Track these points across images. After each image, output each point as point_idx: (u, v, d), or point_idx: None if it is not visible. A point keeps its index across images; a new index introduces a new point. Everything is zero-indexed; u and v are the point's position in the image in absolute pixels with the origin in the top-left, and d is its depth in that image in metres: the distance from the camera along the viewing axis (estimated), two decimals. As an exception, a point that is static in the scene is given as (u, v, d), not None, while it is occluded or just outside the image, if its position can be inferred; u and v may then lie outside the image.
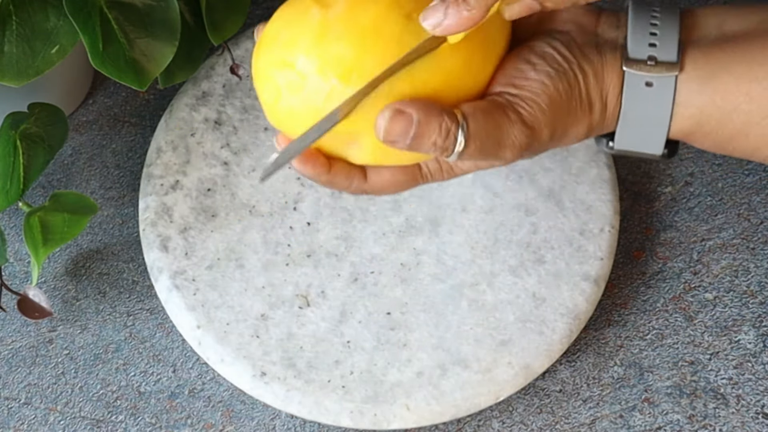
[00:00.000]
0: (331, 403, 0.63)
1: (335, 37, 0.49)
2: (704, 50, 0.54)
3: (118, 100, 0.75)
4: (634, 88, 0.54)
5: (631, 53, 0.54)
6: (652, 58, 0.54)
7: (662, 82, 0.53)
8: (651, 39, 0.54)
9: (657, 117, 0.54)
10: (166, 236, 0.67)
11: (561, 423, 0.66)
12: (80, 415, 0.66)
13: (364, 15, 0.50)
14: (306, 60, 0.50)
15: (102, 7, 0.60)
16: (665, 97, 0.53)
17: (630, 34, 0.54)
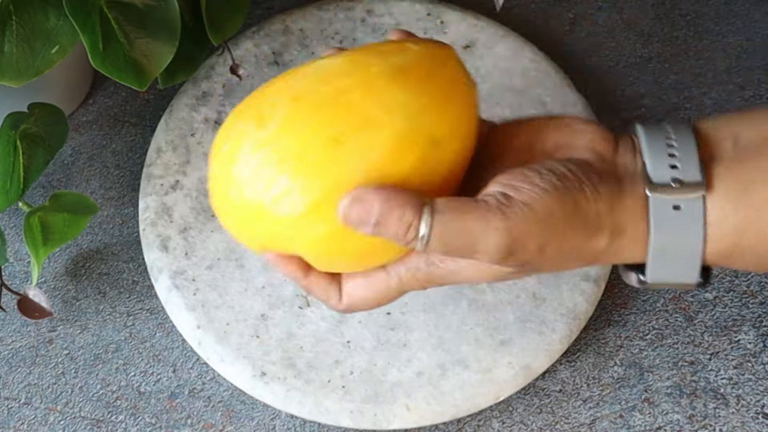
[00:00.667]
0: (331, 403, 0.63)
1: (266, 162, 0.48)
2: (727, 165, 0.51)
3: (118, 100, 0.75)
4: (662, 214, 0.51)
5: (654, 178, 0.51)
6: (677, 180, 0.51)
7: (690, 203, 0.51)
8: (671, 161, 0.51)
9: (689, 240, 0.51)
10: (166, 236, 0.67)
11: (561, 423, 0.66)
12: (80, 415, 0.66)
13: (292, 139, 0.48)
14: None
15: (102, 7, 0.60)
16: (695, 218, 0.51)
17: (648, 158, 0.52)
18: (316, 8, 0.74)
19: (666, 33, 0.78)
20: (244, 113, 0.50)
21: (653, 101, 0.75)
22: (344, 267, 0.53)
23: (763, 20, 0.78)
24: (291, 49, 0.73)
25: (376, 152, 0.48)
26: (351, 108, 0.48)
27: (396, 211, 0.48)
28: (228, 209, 0.50)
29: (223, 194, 0.50)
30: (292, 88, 0.49)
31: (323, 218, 0.49)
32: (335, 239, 0.50)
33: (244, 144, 0.49)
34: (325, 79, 0.49)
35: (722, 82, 0.76)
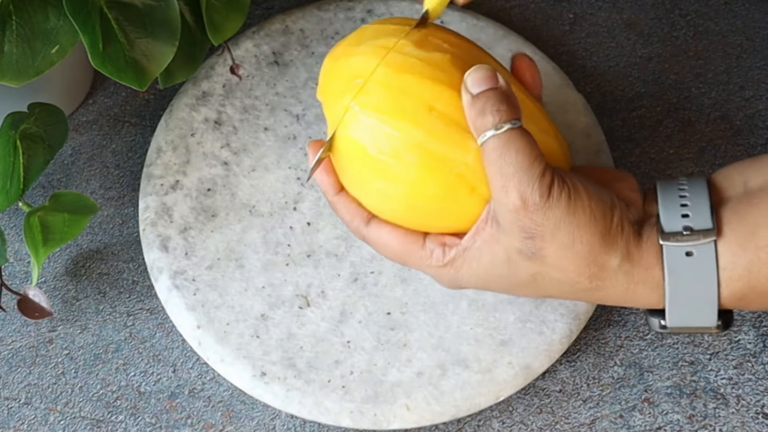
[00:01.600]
0: (331, 403, 0.63)
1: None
2: (735, 209, 0.54)
3: (118, 100, 0.75)
4: (675, 260, 0.54)
5: (666, 227, 0.54)
6: (688, 228, 0.54)
7: (702, 249, 0.53)
8: (683, 210, 0.54)
9: (704, 285, 0.54)
10: (166, 236, 0.67)
11: (561, 423, 0.66)
12: (80, 415, 0.66)
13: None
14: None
15: (102, 7, 0.60)
16: (708, 263, 0.53)
17: (661, 207, 0.55)
18: (316, 8, 0.74)
19: (666, 33, 0.78)
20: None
21: (653, 101, 0.75)
22: (391, 215, 0.57)
23: (763, 20, 0.78)
24: (291, 49, 0.73)
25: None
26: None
27: (505, 96, 0.54)
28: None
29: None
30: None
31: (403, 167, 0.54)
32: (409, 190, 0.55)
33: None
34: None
35: (722, 82, 0.76)
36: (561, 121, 0.70)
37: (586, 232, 0.53)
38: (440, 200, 0.55)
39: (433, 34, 0.56)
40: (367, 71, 0.55)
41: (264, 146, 0.70)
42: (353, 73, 0.55)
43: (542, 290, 0.56)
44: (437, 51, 0.55)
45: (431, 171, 0.54)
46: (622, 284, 0.55)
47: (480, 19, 0.73)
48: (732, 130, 0.74)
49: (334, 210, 0.59)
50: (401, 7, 0.73)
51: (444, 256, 0.56)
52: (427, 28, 0.56)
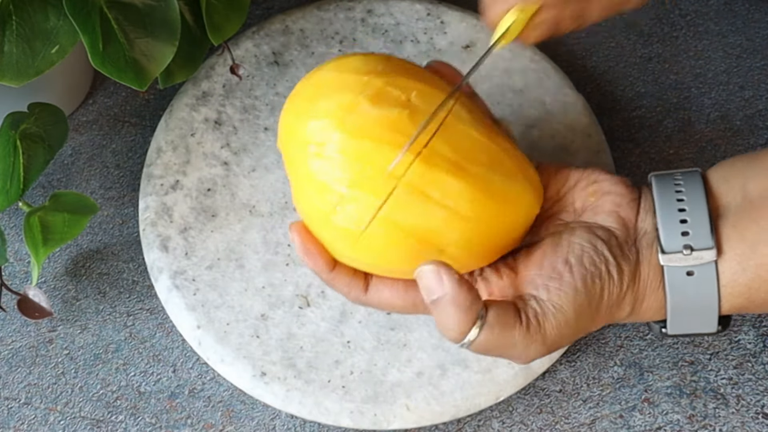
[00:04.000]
0: (331, 403, 0.63)
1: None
2: (735, 223, 0.53)
3: (118, 100, 0.75)
4: (676, 280, 0.54)
5: (666, 247, 0.54)
6: (688, 246, 0.53)
7: (703, 269, 0.53)
8: (683, 227, 0.54)
9: (704, 302, 0.54)
10: (166, 236, 0.67)
11: (561, 423, 0.66)
12: (80, 415, 0.66)
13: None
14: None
15: (102, 7, 0.60)
16: (709, 282, 0.53)
17: (661, 225, 0.54)
18: (316, 8, 0.74)
19: (666, 33, 0.78)
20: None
21: (653, 101, 0.75)
22: (373, 268, 0.56)
23: (763, 20, 0.78)
24: (291, 49, 0.73)
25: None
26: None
27: (455, 309, 0.51)
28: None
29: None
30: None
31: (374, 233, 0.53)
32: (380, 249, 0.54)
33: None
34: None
35: (722, 82, 0.76)
36: (561, 121, 0.70)
37: (596, 320, 0.54)
38: (408, 266, 0.54)
39: (393, 83, 0.54)
40: (324, 137, 0.53)
41: (264, 146, 0.70)
42: (310, 138, 0.54)
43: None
44: (396, 106, 0.53)
45: (395, 240, 0.53)
46: (632, 318, 0.56)
47: (480, 19, 0.73)
48: (732, 130, 0.74)
49: (330, 286, 0.57)
50: (401, 7, 0.73)
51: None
52: (388, 74, 0.55)
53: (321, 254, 0.55)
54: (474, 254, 0.55)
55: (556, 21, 0.56)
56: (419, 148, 0.52)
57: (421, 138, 0.53)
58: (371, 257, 0.54)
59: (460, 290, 0.51)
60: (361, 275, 0.56)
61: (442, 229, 0.53)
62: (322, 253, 0.55)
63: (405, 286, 0.56)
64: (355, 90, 0.53)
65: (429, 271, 0.51)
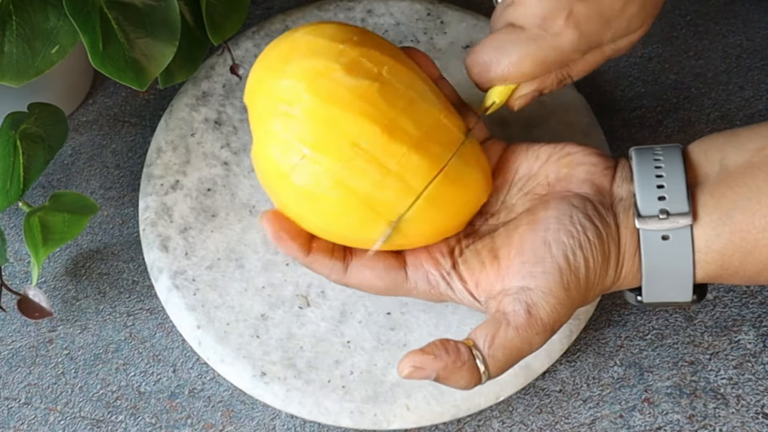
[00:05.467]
0: (331, 403, 0.63)
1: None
2: (712, 191, 0.54)
3: (118, 100, 0.75)
4: (651, 244, 0.54)
5: (642, 210, 0.54)
6: (664, 211, 0.54)
7: (678, 233, 0.54)
8: (659, 192, 0.54)
9: (679, 267, 0.54)
10: (166, 236, 0.67)
11: (561, 423, 0.66)
12: (80, 415, 0.66)
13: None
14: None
15: (102, 7, 0.60)
16: (684, 247, 0.54)
17: (638, 190, 0.55)
18: (316, 8, 0.74)
19: (666, 33, 0.78)
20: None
21: (653, 101, 0.75)
22: (347, 239, 0.57)
23: (763, 20, 0.78)
24: (291, 49, 0.73)
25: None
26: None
27: (458, 372, 0.53)
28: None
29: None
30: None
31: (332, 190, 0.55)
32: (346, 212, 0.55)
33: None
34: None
35: (722, 82, 0.76)
36: (561, 121, 0.70)
37: (590, 293, 0.55)
38: (361, 232, 0.56)
39: (367, 55, 0.56)
40: (294, 97, 0.55)
41: (264, 146, 0.70)
42: (279, 96, 0.55)
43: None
44: (367, 78, 0.55)
45: (350, 206, 0.55)
46: (615, 284, 0.56)
47: (480, 19, 0.73)
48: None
49: (310, 269, 0.59)
50: (401, 7, 0.73)
51: (431, 287, 0.58)
52: (363, 45, 0.56)
53: (294, 238, 0.56)
54: (422, 232, 0.56)
55: (539, 89, 0.59)
56: (384, 120, 0.54)
57: (387, 110, 0.54)
58: (325, 221, 0.56)
59: (445, 358, 0.53)
60: (339, 256, 0.57)
61: (395, 202, 0.55)
62: (296, 237, 0.56)
63: (385, 267, 0.57)
64: (330, 56, 0.55)
65: (407, 369, 0.53)
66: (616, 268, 0.55)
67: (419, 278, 0.57)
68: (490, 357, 0.53)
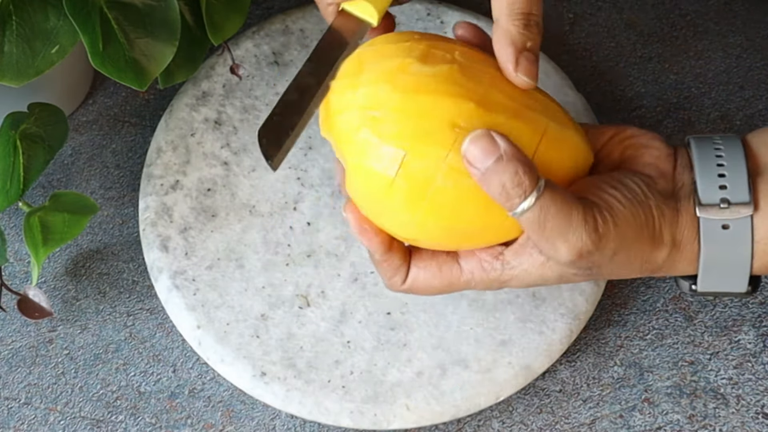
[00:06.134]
0: (331, 403, 0.63)
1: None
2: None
3: (118, 100, 0.75)
4: (711, 232, 0.53)
5: (703, 199, 0.54)
6: (725, 200, 0.53)
7: (738, 223, 0.53)
8: (720, 181, 0.54)
9: (738, 257, 0.54)
10: (166, 236, 0.67)
11: (561, 423, 0.66)
12: (80, 415, 0.66)
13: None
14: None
15: (102, 7, 0.60)
16: (743, 237, 0.53)
17: (699, 178, 0.54)
18: (316, 8, 0.74)
19: (666, 33, 0.78)
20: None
21: (653, 101, 0.75)
22: (428, 242, 0.55)
23: (763, 20, 0.78)
24: (291, 49, 0.73)
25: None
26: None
27: (516, 164, 0.50)
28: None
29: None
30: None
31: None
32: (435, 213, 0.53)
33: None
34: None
35: (722, 82, 0.76)
36: (561, 121, 0.70)
37: (637, 245, 0.53)
38: (480, 219, 0.53)
39: (435, 46, 0.54)
40: (379, 100, 0.52)
41: (264, 146, 0.70)
42: (364, 104, 0.52)
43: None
44: (444, 63, 0.53)
45: (468, 192, 0.52)
46: (668, 265, 0.55)
47: (480, 19, 0.73)
48: (732, 130, 0.74)
49: (376, 268, 0.57)
50: (401, 7, 0.73)
51: (487, 273, 0.55)
52: (427, 39, 0.54)
53: (377, 233, 0.55)
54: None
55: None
56: (476, 96, 0.52)
57: (475, 87, 0.52)
58: (444, 217, 0.53)
59: (518, 149, 0.51)
60: (407, 261, 0.56)
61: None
62: (379, 232, 0.55)
63: (438, 264, 0.56)
64: (401, 54, 0.53)
65: (480, 134, 0.51)
66: (670, 250, 0.54)
67: (474, 267, 0.55)
68: (548, 193, 0.51)
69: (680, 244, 0.54)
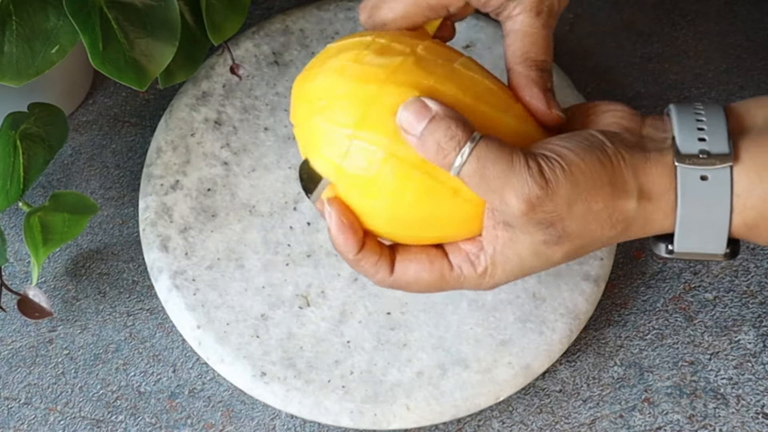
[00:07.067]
0: (331, 403, 0.63)
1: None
2: (755, 139, 0.53)
3: (118, 100, 0.75)
4: (689, 184, 0.52)
5: (682, 148, 0.52)
6: (704, 152, 0.52)
7: (717, 174, 0.52)
8: (700, 134, 0.53)
9: (716, 210, 0.52)
10: (166, 236, 0.67)
11: (561, 423, 0.66)
12: (80, 415, 0.66)
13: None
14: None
15: (102, 7, 0.60)
16: (722, 188, 0.52)
17: (678, 131, 0.53)
18: (316, 8, 0.74)
19: (666, 33, 0.78)
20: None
21: (653, 101, 0.75)
22: (402, 236, 0.55)
23: (763, 20, 0.78)
24: (291, 49, 0.73)
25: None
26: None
27: (448, 121, 0.51)
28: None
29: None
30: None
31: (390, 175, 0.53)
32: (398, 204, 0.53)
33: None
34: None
35: (722, 82, 0.76)
36: (561, 121, 0.70)
37: (595, 191, 0.52)
38: (422, 209, 0.53)
39: (397, 40, 0.55)
40: (329, 90, 0.53)
41: (264, 146, 0.70)
42: (317, 95, 0.54)
43: (576, 257, 0.55)
44: (399, 55, 0.54)
45: (408, 180, 0.53)
46: (642, 218, 0.53)
47: (480, 19, 0.73)
48: (732, 130, 0.74)
49: (355, 269, 0.56)
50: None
51: (475, 268, 0.55)
52: (393, 35, 0.55)
53: (349, 231, 0.54)
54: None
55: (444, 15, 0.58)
56: (423, 86, 0.53)
57: (426, 78, 0.53)
58: (389, 205, 0.53)
59: (451, 108, 0.51)
60: (387, 254, 0.56)
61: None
62: (356, 230, 0.54)
63: (429, 258, 0.55)
64: (359, 47, 0.54)
65: (411, 100, 0.52)
66: (639, 200, 0.52)
67: (461, 261, 0.55)
68: (483, 143, 0.51)
69: (651, 194, 0.53)
